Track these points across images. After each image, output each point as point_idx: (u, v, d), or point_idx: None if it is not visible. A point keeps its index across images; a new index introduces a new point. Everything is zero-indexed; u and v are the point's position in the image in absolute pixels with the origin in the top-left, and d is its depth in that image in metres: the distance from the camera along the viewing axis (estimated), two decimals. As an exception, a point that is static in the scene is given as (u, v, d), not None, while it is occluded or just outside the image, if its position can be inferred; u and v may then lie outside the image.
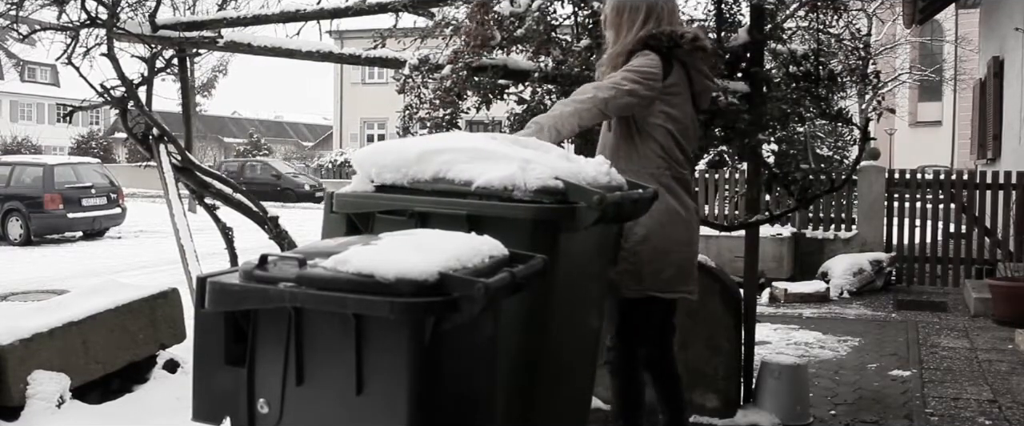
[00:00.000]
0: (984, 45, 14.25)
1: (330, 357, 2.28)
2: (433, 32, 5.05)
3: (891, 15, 22.59)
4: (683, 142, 3.38)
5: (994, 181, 9.32)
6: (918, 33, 27.13)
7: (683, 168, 3.40)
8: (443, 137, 3.34)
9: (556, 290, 2.90)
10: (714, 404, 4.54)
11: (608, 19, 3.47)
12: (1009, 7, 10.36)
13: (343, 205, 3.06)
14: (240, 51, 6.13)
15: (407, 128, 4.84)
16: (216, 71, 41.93)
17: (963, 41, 25.72)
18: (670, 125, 3.34)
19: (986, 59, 13.04)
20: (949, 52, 29.28)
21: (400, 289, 2.14)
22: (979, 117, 13.87)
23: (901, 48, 29.13)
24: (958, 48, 26.77)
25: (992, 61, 11.94)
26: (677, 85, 3.33)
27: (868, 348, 6.53)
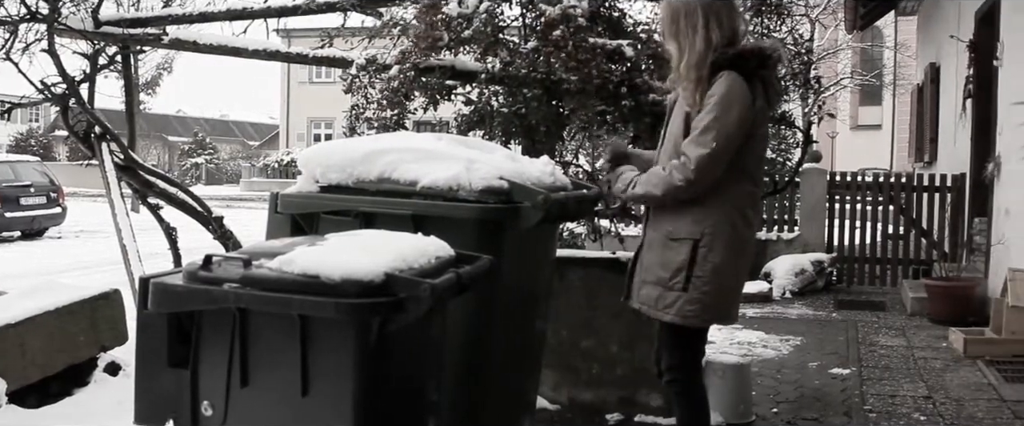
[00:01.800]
0: (922, 52, 14.56)
1: (275, 358, 2.27)
2: (381, 32, 5.04)
3: (833, 21, 22.96)
4: (756, 170, 3.19)
5: (930, 184, 9.53)
6: (859, 39, 27.62)
7: (760, 191, 3.24)
8: (389, 137, 3.34)
9: (501, 290, 2.92)
10: (659, 403, 4.59)
11: (665, 30, 3.20)
12: (945, 15, 10.61)
13: (288, 205, 3.05)
14: (185, 49, 6.07)
15: (354, 128, 4.82)
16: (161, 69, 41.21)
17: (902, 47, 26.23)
18: (758, 146, 3.16)
19: (923, 65, 13.33)
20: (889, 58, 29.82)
21: (346, 290, 2.15)
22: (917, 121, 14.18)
23: (843, 53, 29.64)
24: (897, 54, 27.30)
25: (929, 67, 12.21)
26: (763, 107, 3.09)
27: (809, 347, 6.63)
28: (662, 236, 3.11)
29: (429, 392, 2.58)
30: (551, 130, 4.48)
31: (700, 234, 3.05)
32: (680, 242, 3.07)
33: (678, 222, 3.08)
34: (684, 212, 3.07)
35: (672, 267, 3.08)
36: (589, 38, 4.23)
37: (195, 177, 43.97)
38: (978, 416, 4.75)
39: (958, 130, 9.31)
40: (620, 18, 4.75)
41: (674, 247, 3.08)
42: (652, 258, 3.15)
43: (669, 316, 3.12)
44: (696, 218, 3.06)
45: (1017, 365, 5.79)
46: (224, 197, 29.24)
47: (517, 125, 4.48)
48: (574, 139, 5.38)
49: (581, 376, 4.63)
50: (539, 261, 3.32)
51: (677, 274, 3.07)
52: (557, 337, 4.51)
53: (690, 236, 3.06)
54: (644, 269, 3.19)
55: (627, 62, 4.36)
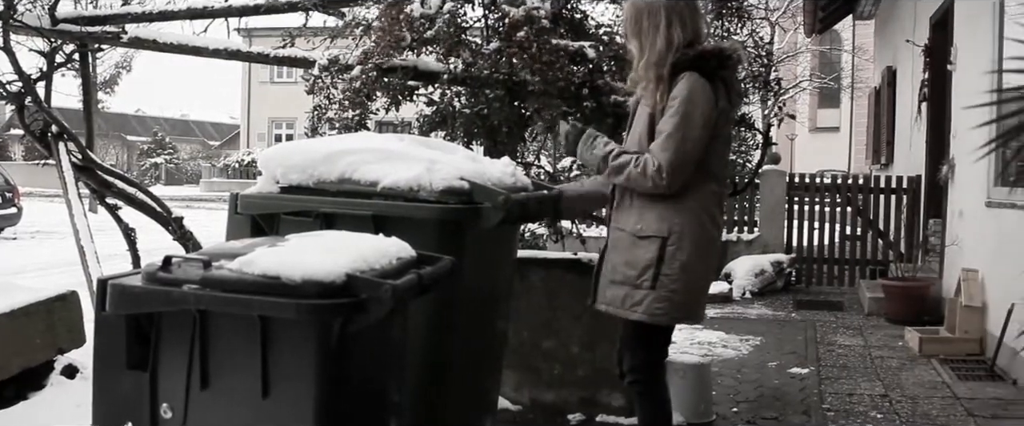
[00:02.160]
0: (879, 55, 14.77)
1: (236, 360, 2.26)
2: (343, 32, 5.03)
3: (793, 24, 23.22)
4: (718, 168, 3.19)
5: (887, 185, 9.67)
6: (818, 42, 27.95)
7: (725, 190, 3.28)
8: (350, 138, 3.34)
9: (463, 291, 2.93)
10: (620, 403, 4.61)
11: (627, 29, 3.22)
12: (901, 20, 10.77)
13: (248, 206, 3.03)
14: (145, 48, 6.00)
15: (316, 129, 4.80)
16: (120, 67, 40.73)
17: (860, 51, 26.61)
18: (721, 147, 3.18)
19: (880, 69, 13.52)
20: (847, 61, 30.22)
21: (306, 291, 2.14)
22: (874, 124, 14.37)
23: (802, 56, 30.00)
24: (855, 58, 27.68)
25: (886, 71, 12.39)
26: (725, 107, 3.11)
27: (769, 347, 6.70)
28: (629, 234, 3.12)
29: (390, 393, 2.58)
30: (513, 131, 4.50)
31: (668, 232, 3.06)
32: (648, 240, 3.08)
33: (645, 220, 3.10)
34: (651, 210, 3.09)
35: (640, 265, 3.09)
36: (552, 40, 4.25)
37: (154, 177, 43.49)
38: (933, 414, 4.83)
39: (914, 133, 9.45)
40: (582, 20, 4.77)
41: (642, 245, 3.09)
42: (618, 258, 3.16)
43: (637, 315, 3.13)
44: (663, 216, 3.07)
45: (970, 363, 5.89)
46: (184, 197, 28.95)
47: (479, 126, 4.49)
48: (536, 140, 5.40)
49: (542, 377, 4.65)
50: (500, 262, 3.33)
51: (645, 272, 3.08)
52: (518, 338, 4.53)
53: (658, 233, 3.07)
54: (610, 269, 3.19)
55: (589, 64, 4.38)
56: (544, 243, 7.11)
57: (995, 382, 5.46)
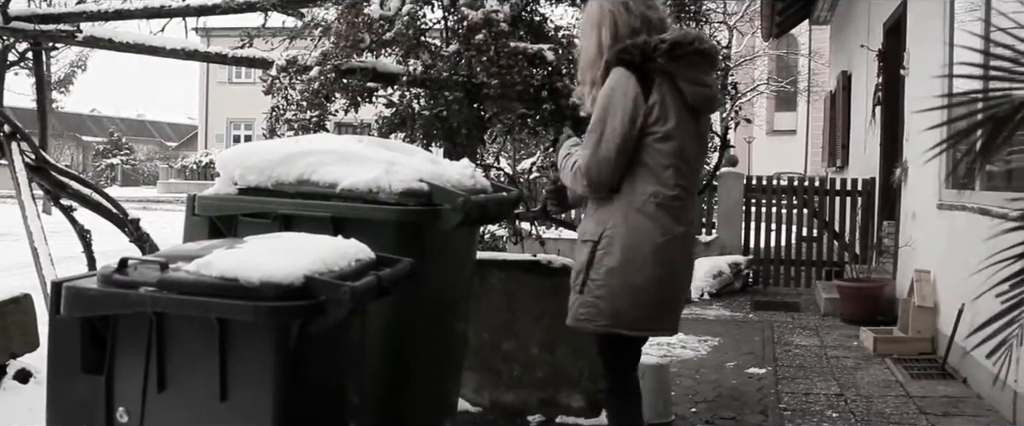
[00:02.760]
0: (834, 60, 14.97)
1: (193, 363, 2.25)
2: (302, 33, 5.01)
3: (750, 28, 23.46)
4: (678, 162, 2.96)
5: (842, 188, 9.80)
6: (775, 46, 28.27)
7: (671, 191, 2.96)
8: (308, 139, 3.32)
9: (422, 293, 2.93)
10: (580, 404, 4.64)
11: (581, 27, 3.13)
12: (855, 25, 10.92)
13: (206, 208, 3.02)
14: (101, 47, 5.93)
15: (274, 130, 4.78)
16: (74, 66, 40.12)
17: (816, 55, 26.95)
18: (664, 146, 2.94)
19: (836, 73, 13.70)
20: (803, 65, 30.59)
21: (265, 293, 2.14)
22: (830, 127, 14.57)
23: (760, 60, 30.30)
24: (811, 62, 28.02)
25: (841, 75, 12.56)
26: (662, 102, 2.91)
27: (727, 347, 6.76)
28: (578, 238, 3.10)
29: (350, 395, 2.57)
30: (472, 133, 4.51)
31: (598, 236, 2.98)
32: (585, 244, 3.03)
33: (587, 223, 3.08)
34: (593, 213, 3.05)
35: (575, 269, 3.06)
36: (511, 42, 4.26)
37: (110, 178, 42.91)
38: (886, 412, 4.91)
39: (868, 136, 9.59)
40: (541, 23, 4.80)
41: (580, 249, 3.04)
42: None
43: (568, 320, 3.09)
44: (599, 219, 3.01)
45: (923, 362, 5.99)
46: (140, 199, 28.60)
47: (438, 128, 4.49)
48: (495, 142, 5.41)
49: (502, 378, 4.66)
50: (459, 263, 3.33)
51: (578, 276, 3.02)
52: (478, 339, 4.53)
53: (592, 237, 2.99)
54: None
55: (548, 66, 4.40)
56: (504, 245, 7.13)
57: (946, 381, 5.56)
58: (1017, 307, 2.26)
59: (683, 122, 2.97)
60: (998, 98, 2.12)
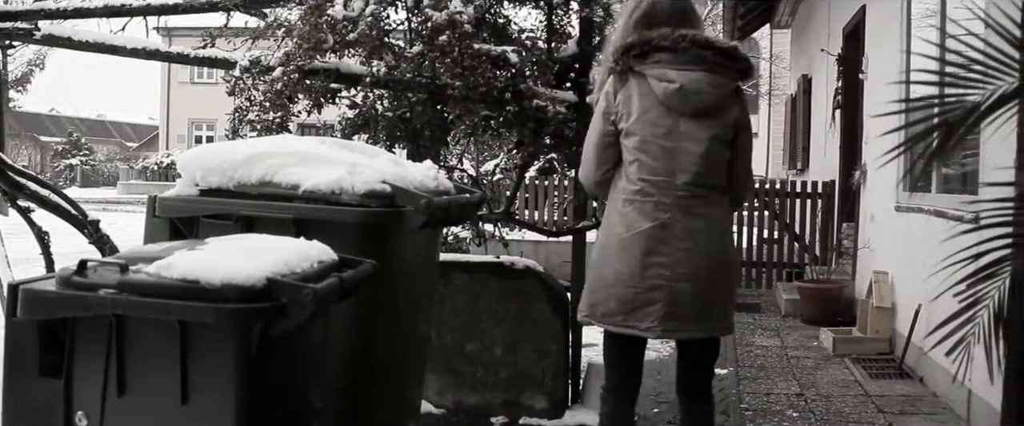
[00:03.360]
0: (795, 64, 15.13)
1: (154, 366, 2.23)
2: (265, 33, 4.97)
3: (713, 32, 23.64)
4: (642, 156, 3.01)
5: (803, 190, 9.91)
6: (738, 49, 28.41)
7: (634, 185, 3.02)
8: (271, 140, 3.31)
9: (385, 295, 2.93)
10: (543, 405, 4.66)
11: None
12: (816, 30, 11.06)
13: (166, 209, 2.99)
14: (59, 45, 5.84)
15: (237, 130, 4.75)
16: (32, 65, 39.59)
17: (777, 59, 27.18)
18: (627, 141, 3.03)
19: (797, 76, 13.85)
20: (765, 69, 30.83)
21: (226, 295, 2.13)
22: (790, 130, 14.73)
23: (722, 62, 30.44)
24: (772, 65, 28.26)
25: (802, 78, 12.70)
26: (628, 101, 3.02)
27: (688, 348, 6.82)
28: None
29: (312, 398, 2.57)
30: (436, 134, 4.50)
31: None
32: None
33: None
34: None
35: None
36: (474, 44, 4.26)
37: (69, 179, 42.36)
38: (845, 411, 4.97)
39: (828, 139, 9.70)
40: (505, 25, 4.80)
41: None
42: None
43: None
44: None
45: (881, 362, 6.08)
46: (100, 200, 28.26)
47: (401, 129, 4.49)
48: (459, 144, 5.41)
49: (466, 380, 4.67)
50: (422, 265, 3.34)
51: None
52: (441, 341, 4.54)
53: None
54: None
55: (512, 68, 4.41)
56: (467, 246, 7.14)
57: (904, 380, 5.65)
58: (974, 306, 2.31)
59: (653, 118, 3.00)
60: (952, 104, 2.16)
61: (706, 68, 3.01)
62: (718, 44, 3.06)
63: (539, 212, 11.31)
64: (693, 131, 3.01)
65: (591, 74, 3.29)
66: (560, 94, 4.64)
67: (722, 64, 3.03)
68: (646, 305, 3.00)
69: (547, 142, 4.71)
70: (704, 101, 3.01)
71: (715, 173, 3.05)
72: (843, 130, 8.88)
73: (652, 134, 3.01)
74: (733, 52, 3.08)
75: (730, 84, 3.06)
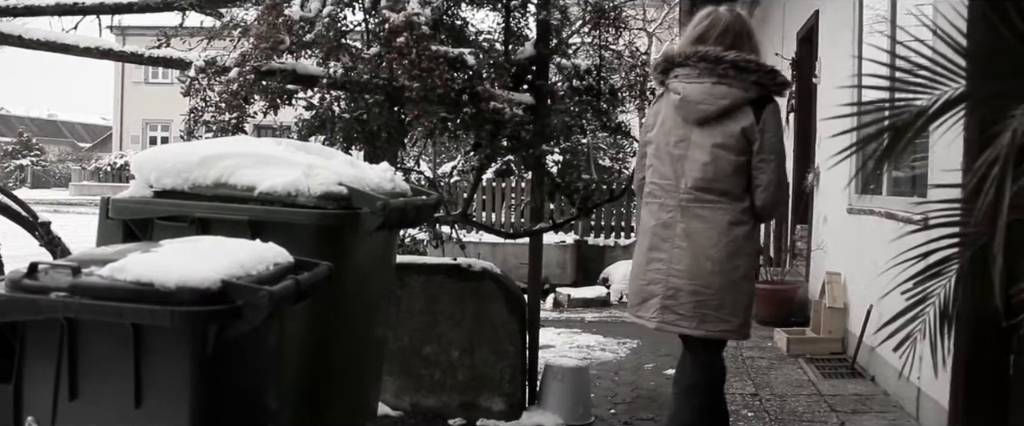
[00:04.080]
0: (751, 66, 15.27)
1: (107, 369, 2.21)
2: (221, 33, 4.93)
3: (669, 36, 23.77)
4: (655, 161, 3.36)
5: (758, 192, 10.02)
6: (694, 52, 28.68)
7: (647, 187, 3.41)
8: (226, 141, 3.29)
9: (341, 297, 2.92)
10: (500, 407, 4.67)
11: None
12: (770, 34, 11.18)
13: (120, 211, 2.96)
14: (9, 44, 5.74)
15: (191, 131, 4.70)
16: (-21, 64, 38.86)
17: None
18: (648, 149, 3.42)
19: (752, 79, 13.99)
20: (722, 71, 31.08)
21: (181, 298, 2.11)
22: (747, 132, 14.84)
23: (679, 65, 30.73)
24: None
25: (758, 80, 12.84)
26: (656, 113, 3.40)
27: (645, 349, 6.87)
28: None
29: (268, 400, 2.56)
30: (392, 136, 4.49)
31: None
32: None
33: None
34: None
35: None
36: (432, 46, 4.26)
37: (20, 180, 41.66)
38: (799, 410, 5.04)
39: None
40: (463, 27, 4.81)
41: None
42: None
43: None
44: None
45: (834, 362, 6.17)
46: (52, 201, 27.85)
47: (358, 131, 4.47)
48: (416, 146, 5.40)
49: (423, 382, 4.67)
50: (379, 267, 3.33)
51: None
52: (399, 343, 4.54)
53: None
54: None
55: (469, 70, 4.41)
56: (424, 248, 7.13)
57: (856, 379, 5.74)
58: (921, 304, 2.37)
59: (668, 128, 3.31)
60: (901, 107, 2.21)
61: (714, 80, 3.20)
62: (727, 57, 3.21)
63: (496, 214, 11.33)
64: (700, 140, 3.24)
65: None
66: (517, 96, 4.65)
67: (732, 76, 3.19)
68: (649, 297, 3.30)
69: (504, 144, 4.72)
70: (705, 110, 3.20)
71: (721, 179, 3.22)
72: (797, 133, 9.00)
73: (665, 142, 3.32)
74: (743, 64, 3.21)
75: (741, 95, 3.19)
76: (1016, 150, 1.90)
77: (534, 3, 4.87)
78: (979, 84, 2.13)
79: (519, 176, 10.81)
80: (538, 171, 4.92)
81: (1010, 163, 1.89)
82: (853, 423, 4.80)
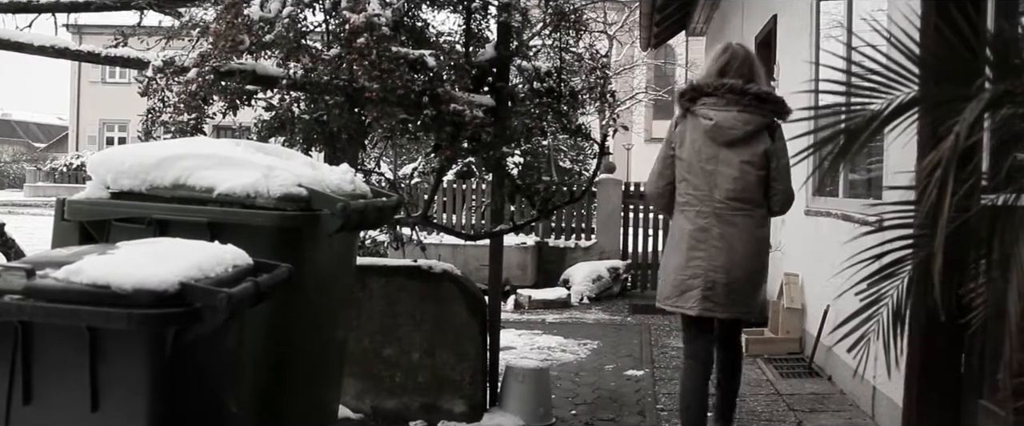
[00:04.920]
0: (710, 69, 15.40)
1: (62, 373, 2.19)
2: (180, 33, 4.89)
3: (630, 38, 23.89)
4: (688, 176, 3.94)
5: (718, 194, 10.12)
6: (654, 56, 28.90)
7: (682, 197, 3.98)
8: (185, 142, 3.26)
9: (301, 299, 2.91)
10: (461, 409, 4.67)
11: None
12: (729, 38, 11.26)
13: (76, 212, 2.93)
14: (-40, 43, 5.66)
15: (149, 132, 4.65)
16: (-70, 63, 38.10)
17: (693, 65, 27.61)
18: (680, 164, 3.99)
19: (711, 82, 14.11)
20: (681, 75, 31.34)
21: (138, 300, 2.09)
22: (707, 134, 14.94)
23: (638, 69, 30.93)
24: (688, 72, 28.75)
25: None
26: (683, 133, 3.96)
27: (606, 350, 6.90)
28: None
29: (228, 403, 2.54)
30: (353, 138, 4.48)
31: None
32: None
33: None
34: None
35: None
36: (392, 47, 4.25)
37: (-29, 181, 40.89)
38: (758, 410, 5.09)
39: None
40: (424, 28, 4.80)
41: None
42: None
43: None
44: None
45: (791, 362, 6.25)
46: (5, 203, 27.42)
47: (318, 132, 4.45)
48: (376, 147, 5.39)
49: (384, 384, 4.66)
50: (339, 269, 3.32)
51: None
52: (359, 345, 4.52)
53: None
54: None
55: (430, 72, 4.41)
56: (385, 250, 7.11)
57: (813, 378, 5.81)
58: (874, 304, 2.41)
59: (699, 147, 3.90)
60: (856, 111, 2.25)
61: (739, 109, 3.86)
62: (751, 90, 3.88)
63: (457, 216, 11.32)
64: (729, 158, 3.88)
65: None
66: (478, 98, 4.66)
67: (754, 106, 3.87)
68: (690, 290, 3.90)
69: (465, 146, 4.72)
70: (734, 134, 3.86)
71: (748, 190, 3.88)
72: (756, 136, 9.06)
73: (697, 159, 3.92)
74: (764, 96, 3.90)
75: (761, 121, 3.88)
76: (959, 154, 1.94)
77: (495, 5, 4.88)
78: (930, 89, 2.18)
79: (480, 178, 10.83)
80: (499, 173, 4.92)
81: (952, 166, 1.94)
82: (811, 422, 4.86)
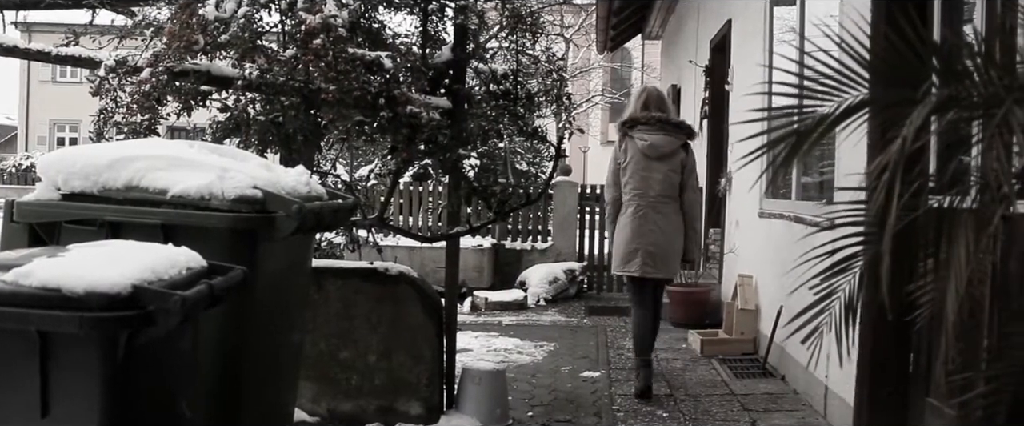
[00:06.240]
0: (665, 73, 15.55)
1: (11, 378, 2.15)
2: (133, 32, 4.83)
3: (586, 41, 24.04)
4: (631, 180, 5.57)
5: (672, 196, 10.19)
6: (610, 59, 29.11)
7: (628, 195, 5.61)
8: (138, 143, 3.23)
9: (256, 301, 2.89)
10: (418, 411, 4.66)
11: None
12: (685, 42, 11.40)
13: (25, 214, 2.89)
14: (-95, 40, 5.53)
15: (102, 133, 4.59)
16: None
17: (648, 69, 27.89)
18: (624, 174, 5.63)
19: (666, 86, 14.22)
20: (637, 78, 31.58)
21: (90, 303, 2.07)
22: (661, 138, 15.04)
23: (595, 72, 31.13)
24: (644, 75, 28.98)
25: (671, 88, 13.04)
26: (626, 151, 5.64)
27: (562, 352, 6.93)
28: None
29: (182, 407, 2.51)
30: (308, 139, 4.45)
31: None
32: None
33: None
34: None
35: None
36: (349, 48, 4.23)
37: (-85, 182, 39.99)
38: (713, 410, 5.15)
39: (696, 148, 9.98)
40: (380, 30, 4.79)
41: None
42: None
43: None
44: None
45: (746, 362, 6.32)
46: (-51, 204, 26.81)
47: (274, 134, 4.42)
48: (332, 149, 5.36)
49: (340, 387, 4.64)
50: (295, 271, 3.30)
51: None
52: (315, 348, 4.50)
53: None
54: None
55: (386, 73, 4.40)
56: (341, 252, 7.06)
57: (767, 378, 5.88)
58: (827, 298, 2.47)
59: (637, 160, 5.56)
60: (808, 113, 2.29)
61: (664, 133, 5.57)
62: (672, 120, 5.71)
63: (413, 218, 11.29)
64: (658, 167, 5.55)
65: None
66: (434, 100, 4.66)
67: (673, 130, 5.62)
68: (633, 258, 5.54)
69: (421, 148, 4.72)
70: (663, 151, 5.55)
71: (671, 189, 5.57)
72: (710, 138, 9.18)
73: (637, 169, 5.56)
74: (679, 123, 5.75)
75: (678, 141, 5.61)
76: (906, 156, 1.99)
77: (452, 7, 4.87)
78: (879, 92, 2.22)
79: (436, 180, 10.80)
80: (455, 175, 4.93)
81: (899, 169, 1.98)
82: (765, 421, 4.92)
